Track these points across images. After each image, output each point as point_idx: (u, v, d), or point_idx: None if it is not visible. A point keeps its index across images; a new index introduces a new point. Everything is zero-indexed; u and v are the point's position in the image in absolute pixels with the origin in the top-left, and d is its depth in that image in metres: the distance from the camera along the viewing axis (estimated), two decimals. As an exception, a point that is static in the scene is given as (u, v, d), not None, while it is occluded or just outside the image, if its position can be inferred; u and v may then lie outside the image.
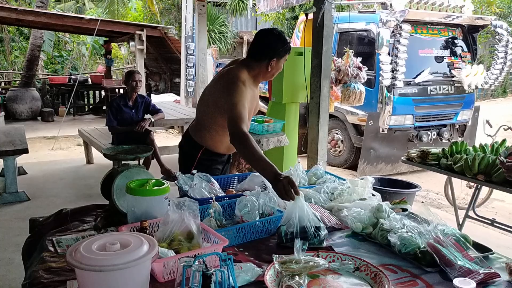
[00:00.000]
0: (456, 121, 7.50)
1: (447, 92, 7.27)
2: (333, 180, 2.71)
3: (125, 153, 2.26)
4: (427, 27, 7.20)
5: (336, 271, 1.73)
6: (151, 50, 12.28)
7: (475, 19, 7.43)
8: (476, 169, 3.08)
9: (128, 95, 5.30)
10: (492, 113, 12.21)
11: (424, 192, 6.40)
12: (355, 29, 7.15)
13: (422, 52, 7.14)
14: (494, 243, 4.09)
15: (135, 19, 18.34)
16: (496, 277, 1.67)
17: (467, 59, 7.49)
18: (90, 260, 1.34)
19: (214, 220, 1.99)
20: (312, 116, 4.83)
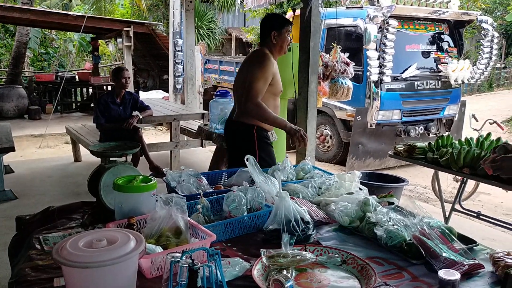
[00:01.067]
0: (443, 115, 7.58)
1: (434, 87, 7.33)
2: (320, 175, 2.73)
3: (112, 150, 2.25)
4: (414, 23, 7.24)
5: (323, 265, 1.75)
6: (139, 47, 12.21)
7: (461, 14, 7.50)
8: (461, 163, 3.12)
9: (115, 92, 5.27)
10: (479, 107, 12.39)
11: (412, 186, 6.46)
12: (342, 25, 7.18)
13: (409, 47, 7.19)
14: (480, 236, 4.16)
15: (122, 15, 18.19)
16: (480, 268, 1.70)
17: (453, 54, 7.56)
18: (76, 257, 1.34)
19: (202, 216, 1.99)
20: (300, 111, 4.84)
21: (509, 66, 21.03)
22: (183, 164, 5.06)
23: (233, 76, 9.57)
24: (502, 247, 1.97)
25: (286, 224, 1.93)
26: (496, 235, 4.47)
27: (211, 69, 10.54)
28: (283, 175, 2.68)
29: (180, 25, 8.78)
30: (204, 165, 6.00)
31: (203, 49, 11.13)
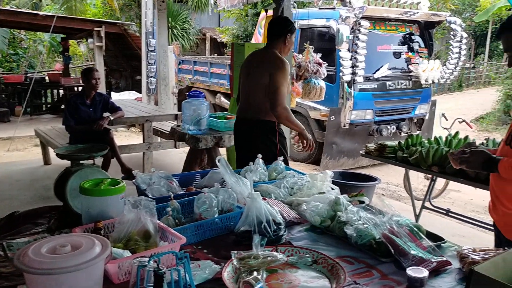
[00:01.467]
0: (414, 115, 7.71)
1: (405, 87, 7.46)
2: (293, 175, 2.73)
3: (79, 152, 2.20)
4: (385, 24, 7.36)
5: (294, 265, 1.74)
6: (110, 47, 12.00)
7: (431, 15, 7.65)
8: (430, 161, 3.18)
9: (86, 93, 5.16)
10: (449, 106, 12.67)
11: (385, 184, 6.55)
12: (315, 26, 7.23)
13: (381, 48, 7.29)
14: (450, 232, 4.25)
15: (94, 15, 17.86)
16: (447, 265, 1.72)
17: (423, 54, 7.71)
18: (38, 264, 1.30)
19: (172, 219, 1.96)
20: (274, 112, 4.84)
21: (478, 66, 21.60)
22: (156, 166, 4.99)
23: (207, 76, 9.51)
24: (471, 243, 2.01)
25: (257, 225, 1.92)
26: (465, 231, 4.57)
27: (185, 70, 10.46)
28: (255, 176, 2.67)
29: (153, 25, 8.68)
30: (178, 166, 5.94)
31: (176, 49, 11.03)
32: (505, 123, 11.66)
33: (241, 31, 16.46)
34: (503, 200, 2.00)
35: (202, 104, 4.08)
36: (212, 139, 4.04)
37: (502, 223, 2.07)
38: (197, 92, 4.15)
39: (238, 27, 16.87)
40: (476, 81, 20.81)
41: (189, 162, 4.46)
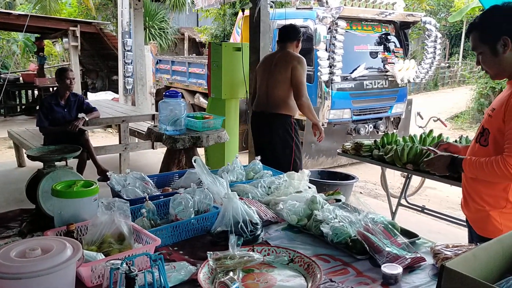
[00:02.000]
0: (390, 114, 7.81)
1: (381, 86, 7.54)
2: (270, 175, 2.73)
3: (51, 154, 2.15)
4: (361, 24, 7.42)
5: (271, 264, 1.74)
6: (86, 46, 11.83)
7: (406, 15, 7.75)
8: (405, 159, 3.22)
9: (60, 94, 5.06)
10: (424, 105, 12.87)
11: (362, 183, 6.62)
12: (293, 25, 7.23)
13: (358, 48, 7.36)
14: (426, 229, 4.31)
15: (70, 15, 17.55)
16: (422, 261, 1.75)
17: (399, 54, 7.80)
18: (7, 268, 1.27)
19: (147, 220, 1.94)
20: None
21: (452, 66, 22.03)
22: (133, 167, 4.93)
23: (185, 76, 9.43)
24: (446, 239, 2.05)
25: (234, 226, 1.91)
26: (441, 228, 4.65)
27: (163, 70, 10.37)
28: (232, 176, 2.66)
29: (129, 25, 8.58)
30: (155, 167, 5.88)
31: (154, 49, 10.92)
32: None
33: (219, 30, 16.41)
34: (474, 196, 2.04)
35: (179, 104, 4.05)
36: (189, 139, 4.01)
37: (473, 220, 2.12)
38: (174, 92, 4.11)
39: (216, 27, 16.82)
40: (451, 81, 21.23)
41: (167, 162, 4.41)
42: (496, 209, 1.98)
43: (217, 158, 5.39)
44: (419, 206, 4.32)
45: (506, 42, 1.86)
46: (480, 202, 2.02)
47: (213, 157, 5.57)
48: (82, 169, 5.08)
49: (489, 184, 1.97)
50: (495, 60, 1.92)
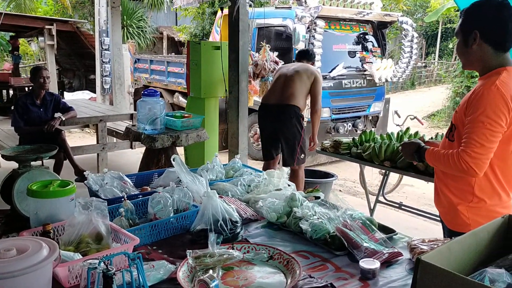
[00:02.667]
0: (369, 112, 7.90)
1: (360, 85, 7.62)
2: (250, 173, 2.74)
3: (26, 153, 2.11)
4: (340, 23, 7.49)
5: (251, 262, 1.75)
6: (63, 45, 11.62)
7: (384, 15, 7.86)
8: (382, 156, 3.27)
9: (35, 93, 4.96)
10: (402, 104, 13.07)
11: (342, 181, 6.68)
12: (272, 25, 7.27)
13: (336, 47, 7.42)
14: (404, 225, 4.38)
15: (46, 13, 17.22)
16: (399, 256, 1.78)
17: (377, 53, 7.90)
18: (-19, 270, 1.24)
19: (125, 220, 1.92)
20: (232, 110, 4.84)
21: (429, 65, 22.42)
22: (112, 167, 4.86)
23: (164, 75, 9.36)
24: (424, 235, 2.08)
25: (213, 224, 1.91)
26: (418, 224, 4.73)
27: (142, 69, 10.26)
28: (212, 174, 2.65)
29: (107, 23, 8.46)
30: (134, 167, 5.81)
31: (132, 47, 10.78)
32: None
33: (198, 29, 16.34)
34: (444, 191, 2.09)
35: (158, 103, 4.01)
36: (168, 139, 3.98)
37: (443, 214, 2.16)
38: (152, 91, 4.08)
39: (195, 26, 16.74)
40: (427, 80, 21.59)
41: (146, 162, 4.37)
42: (464, 204, 2.01)
43: (196, 158, 5.37)
44: (397, 203, 4.40)
45: (475, 37, 1.90)
46: (449, 197, 2.06)
47: (192, 157, 5.54)
48: (59, 169, 4.99)
49: (456, 178, 2.01)
50: (464, 50, 1.97)
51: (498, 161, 1.91)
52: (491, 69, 1.92)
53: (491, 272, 1.23)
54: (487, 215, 1.91)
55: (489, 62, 1.93)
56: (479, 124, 1.81)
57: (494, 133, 1.81)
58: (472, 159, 1.81)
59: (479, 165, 1.82)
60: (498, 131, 1.82)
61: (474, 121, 1.83)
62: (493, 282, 1.21)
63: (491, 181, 1.96)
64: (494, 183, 1.97)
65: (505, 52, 1.93)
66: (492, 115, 1.80)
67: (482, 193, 1.97)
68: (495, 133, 1.82)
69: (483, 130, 1.81)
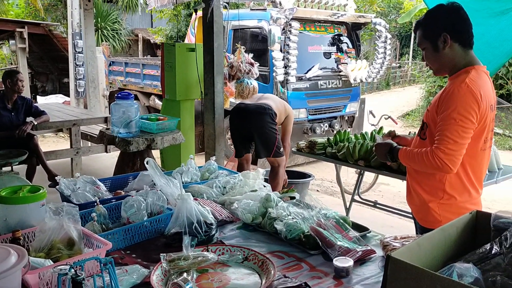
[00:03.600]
0: (345, 113, 7.99)
1: (335, 86, 7.70)
2: (225, 174, 2.73)
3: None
4: (314, 25, 7.55)
5: (225, 263, 1.75)
6: (35, 48, 11.41)
7: (358, 17, 7.96)
8: (356, 156, 3.32)
9: (7, 97, 4.85)
10: (377, 104, 13.26)
11: (319, 181, 6.74)
12: (248, 26, 7.28)
13: (312, 48, 7.48)
14: (379, 223, 4.45)
15: (17, 16, 16.84)
16: (372, 253, 1.80)
17: (352, 54, 8.00)
18: None
19: (98, 224, 1.89)
20: (208, 112, 4.83)
21: (403, 66, 22.80)
22: (86, 172, 4.79)
23: (140, 78, 9.25)
24: (399, 232, 2.11)
25: (188, 227, 1.89)
26: (394, 222, 4.80)
27: (117, 71, 10.13)
28: (187, 177, 2.65)
29: (80, 26, 8.33)
30: (109, 171, 5.74)
31: (106, 50, 10.64)
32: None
33: (174, 32, 16.24)
34: (416, 188, 2.13)
35: (132, 106, 3.97)
36: (144, 142, 3.95)
37: (416, 212, 2.21)
38: (126, 94, 4.03)
39: (171, 28, 16.63)
40: (402, 80, 21.96)
41: (121, 166, 4.32)
42: (435, 201, 2.05)
43: (173, 160, 5.33)
44: (371, 201, 4.46)
45: (446, 39, 1.96)
46: (421, 194, 2.10)
47: (169, 159, 5.50)
48: (31, 175, 4.89)
49: (427, 175, 2.05)
50: (436, 56, 2.02)
51: (468, 158, 1.96)
52: (460, 68, 1.98)
53: (459, 267, 1.25)
54: (457, 212, 1.94)
55: (459, 62, 1.99)
56: (451, 121, 1.86)
57: (466, 129, 1.86)
58: (446, 156, 1.86)
59: (453, 161, 1.87)
60: (469, 128, 1.87)
61: (446, 119, 1.87)
62: (461, 276, 1.23)
63: (461, 178, 2.01)
64: (464, 179, 2.01)
65: (471, 48, 2.01)
66: (464, 112, 1.85)
67: (452, 189, 2.02)
68: (467, 129, 1.87)
69: (455, 127, 1.85)
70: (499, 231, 1.38)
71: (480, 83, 1.91)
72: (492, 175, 3.54)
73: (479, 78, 1.93)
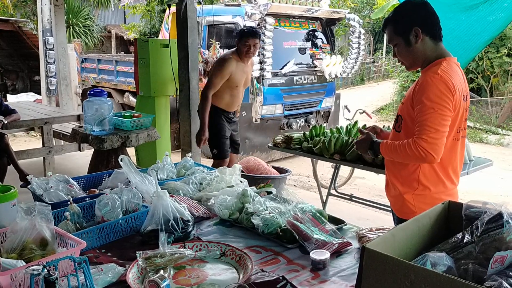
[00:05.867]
0: (320, 108, 8.05)
1: (311, 82, 7.74)
2: (202, 171, 2.72)
3: (-39, 159, 1.99)
4: (289, 20, 7.57)
5: (203, 259, 1.74)
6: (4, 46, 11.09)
7: (332, 12, 8.01)
8: (332, 150, 3.35)
9: (-26, 96, 4.70)
10: (352, 99, 13.41)
11: (296, 176, 6.78)
12: (223, 22, 7.24)
13: (287, 44, 7.50)
14: (356, 216, 4.50)
15: (-16, 12, 16.33)
16: (348, 245, 1.82)
17: (326, 50, 8.05)
18: None
19: (71, 223, 1.86)
20: (183, 108, 4.79)
21: (377, 61, 23.10)
22: (60, 171, 4.70)
23: (113, 75, 9.10)
24: (375, 225, 2.15)
25: (164, 224, 1.88)
26: (370, 214, 4.87)
27: (89, 68, 9.93)
28: (163, 174, 2.62)
29: (50, 22, 8.14)
30: (83, 170, 5.63)
31: (78, 47, 10.39)
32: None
33: (148, 28, 16.01)
34: (393, 180, 2.17)
35: (105, 103, 3.90)
36: (118, 139, 3.88)
37: (393, 203, 2.25)
38: (99, 90, 3.96)
39: (145, 24, 16.39)
40: (376, 75, 22.26)
41: (95, 164, 4.25)
42: (410, 192, 2.09)
43: (148, 158, 5.27)
44: (347, 195, 4.51)
45: (418, 33, 2.00)
46: (397, 186, 2.14)
47: (144, 157, 5.44)
48: (2, 175, 4.76)
49: (402, 166, 2.09)
50: (408, 51, 2.05)
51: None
52: (432, 61, 2.02)
53: (433, 256, 1.28)
54: (432, 203, 1.90)
55: (431, 55, 2.03)
56: (430, 110, 1.89)
57: (445, 117, 1.90)
58: (429, 145, 1.88)
59: (435, 149, 1.89)
60: (448, 115, 1.91)
61: (424, 109, 1.90)
62: (434, 265, 1.26)
63: (435, 169, 2.05)
64: (438, 170, 2.05)
65: (441, 41, 2.06)
66: (440, 101, 1.89)
67: (426, 180, 2.05)
68: (446, 116, 1.91)
69: (435, 115, 1.89)
70: (470, 220, 1.41)
71: (452, 73, 1.96)
72: (464, 166, 3.62)
73: (451, 69, 1.98)
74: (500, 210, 1.30)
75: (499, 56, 11.44)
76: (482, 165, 3.70)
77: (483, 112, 12.13)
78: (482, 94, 12.70)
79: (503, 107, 11.92)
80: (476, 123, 11.44)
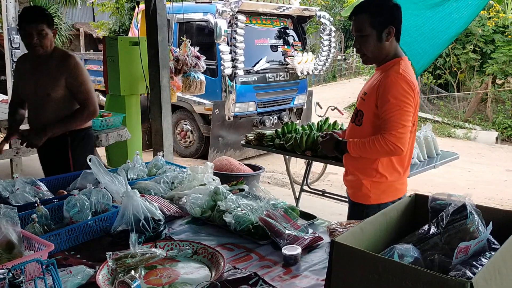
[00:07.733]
0: (293, 105, 8.10)
1: (283, 79, 7.79)
2: (173, 170, 2.70)
3: None
4: (261, 18, 7.59)
5: (174, 258, 1.73)
6: (-33, 45, 10.70)
7: (302, 10, 8.07)
8: (304, 146, 3.38)
9: None
10: (325, 96, 13.55)
11: (270, 173, 6.81)
12: (193, 19, 7.20)
13: (258, 41, 7.51)
14: (328, 212, 4.56)
15: None
16: (319, 240, 1.84)
17: (298, 47, 8.11)
18: None
19: (39, 226, 1.81)
20: (154, 107, 4.74)
21: (348, 58, 23.39)
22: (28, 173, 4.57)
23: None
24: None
25: (135, 224, 1.85)
26: (342, 209, 4.91)
27: (57, 68, 9.71)
28: (133, 173, 2.58)
29: (15, 20, 7.90)
30: (53, 171, 5.52)
31: (45, 46, 10.15)
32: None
33: (117, 25, 15.75)
34: (351, 168, 2.32)
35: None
36: (88, 139, 3.81)
37: (349, 186, 2.38)
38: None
39: (114, 22, 16.12)
40: (347, 72, 22.56)
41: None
42: (368, 179, 2.23)
43: (119, 157, 5.19)
44: (320, 191, 4.56)
45: (391, 32, 2.10)
46: (356, 173, 2.27)
47: (115, 157, 5.36)
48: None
49: (361, 158, 2.21)
50: (377, 46, 2.11)
51: None
52: (389, 59, 2.14)
53: (400, 248, 1.30)
54: (386, 190, 2.21)
55: (390, 53, 2.15)
56: (396, 107, 2.03)
57: (409, 113, 2.05)
58: (398, 139, 2.02)
59: (403, 143, 2.04)
60: (411, 112, 2.07)
61: (391, 107, 2.03)
62: (401, 257, 1.29)
63: (392, 160, 2.20)
64: (394, 161, 2.20)
65: (398, 42, 2.18)
66: (404, 99, 2.03)
67: (384, 170, 2.20)
68: (409, 113, 2.06)
69: (401, 112, 2.03)
70: (436, 212, 1.45)
71: (410, 72, 2.11)
72: (431, 160, 3.72)
73: (408, 68, 2.12)
74: (464, 202, 1.34)
75: (465, 52, 11.77)
76: (448, 159, 3.81)
77: (451, 107, 12.46)
78: (450, 90, 13.04)
79: (470, 102, 12.27)
80: (444, 118, 11.74)
